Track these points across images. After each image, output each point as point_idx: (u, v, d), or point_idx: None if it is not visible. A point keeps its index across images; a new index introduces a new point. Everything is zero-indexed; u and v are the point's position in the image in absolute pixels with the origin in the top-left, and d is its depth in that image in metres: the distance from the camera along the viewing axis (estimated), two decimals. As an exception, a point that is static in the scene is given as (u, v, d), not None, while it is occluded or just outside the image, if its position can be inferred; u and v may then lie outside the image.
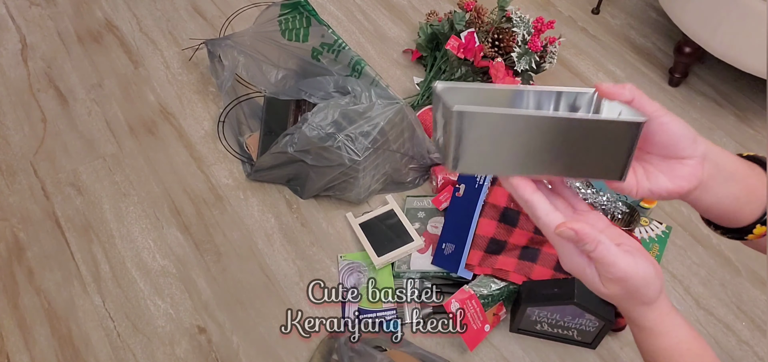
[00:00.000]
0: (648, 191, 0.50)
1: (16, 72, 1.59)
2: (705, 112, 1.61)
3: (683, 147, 0.49)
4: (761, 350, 1.18)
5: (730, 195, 0.51)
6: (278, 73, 1.41)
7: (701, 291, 1.26)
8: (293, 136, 1.25)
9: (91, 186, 1.36)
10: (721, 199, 0.51)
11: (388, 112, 1.24)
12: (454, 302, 1.12)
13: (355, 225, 1.29)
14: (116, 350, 1.13)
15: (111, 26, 1.73)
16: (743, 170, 0.52)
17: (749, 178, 0.52)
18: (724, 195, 0.51)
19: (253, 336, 1.16)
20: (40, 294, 1.19)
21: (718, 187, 0.51)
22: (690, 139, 0.49)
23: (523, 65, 1.43)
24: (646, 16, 1.88)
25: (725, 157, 0.51)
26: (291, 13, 1.38)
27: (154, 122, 1.49)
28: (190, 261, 1.25)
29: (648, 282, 0.50)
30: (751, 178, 0.52)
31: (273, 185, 1.38)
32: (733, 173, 0.51)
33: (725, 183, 0.51)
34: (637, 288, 0.49)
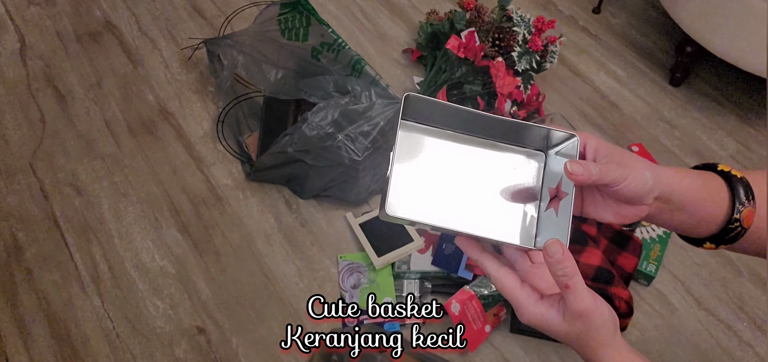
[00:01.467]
0: (591, 216, 0.53)
1: (14, 71, 1.59)
2: (706, 112, 1.61)
3: (640, 199, 0.51)
4: (762, 350, 1.18)
5: (677, 221, 0.54)
6: (278, 72, 1.40)
7: (702, 292, 1.25)
8: (293, 136, 1.25)
9: (90, 187, 1.36)
10: (668, 223, 0.54)
11: (388, 111, 1.24)
12: (455, 302, 1.12)
13: (355, 225, 1.29)
14: (115, 350, 1.12)
15: (110, 26, 1.72)
16: (698, 199, 0.53)
17: (703, 206, 0.53)
18: (671, 221, 0.54)
19: (253, 336, 1.15)
20: (38, 294, 1.19)
21: (665, 216, 0.53)
22: (645, 194, 0.51)
23: (524, 64, 1.42)
24: (647, 15, 1.88)
25: (682, 189, 0.53)
26: (291, 12, 1.37)
27: (154, 122, 1.49)
28: (189, 262, 1.25)
29: (606, 321, 0.50)
30: (706, 207, 0.53)
31: (273, 185, 1.38)
32: (684, 206, 0.53)
33: (672, 214, 0.53)
34: (598, 327, 0.50)
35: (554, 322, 0.50)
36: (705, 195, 0.54)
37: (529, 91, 1.44)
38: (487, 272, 0.52)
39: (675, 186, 0.52)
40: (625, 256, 1.22)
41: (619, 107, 1.61)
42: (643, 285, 1.25)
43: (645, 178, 0.51)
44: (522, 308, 0.50)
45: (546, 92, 1.55)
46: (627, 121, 1.58)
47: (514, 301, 0.51)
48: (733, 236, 0.54)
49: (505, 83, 1.37)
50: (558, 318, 0.50)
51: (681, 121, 1.59)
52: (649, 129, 1.56)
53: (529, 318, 0.51)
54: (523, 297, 0.50)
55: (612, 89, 1.65)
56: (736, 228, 0.53)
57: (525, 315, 0.51)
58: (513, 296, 0.50)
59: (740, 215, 0.53)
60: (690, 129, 1.57)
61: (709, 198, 0.54)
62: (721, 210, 0.54)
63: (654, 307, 1.23)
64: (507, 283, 0.50)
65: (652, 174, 0.51)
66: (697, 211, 0.54)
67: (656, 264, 1.25)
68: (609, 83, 1.67)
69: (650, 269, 1.24)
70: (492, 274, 0.51)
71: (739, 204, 0.53)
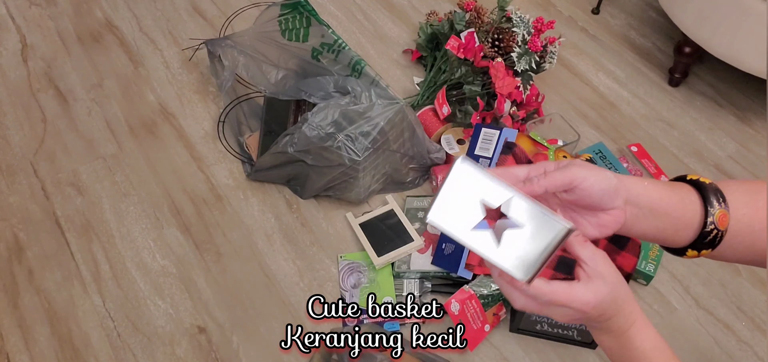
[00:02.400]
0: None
1: (16, 72, 1.59)
2: (705, 112, 1.61)
3: (606, 201, 0.53)
4: (761, 350, 1.18)
5: (654, 228, 0.55)
6: (278, 73, 1.41)
7: (701, 291, 1.26)
8: (293, 136, 1.25)
9: (91, 186, 1.36)
10: (647, 231, 0.55)
11: (388, 112, 1.24)
12: (454, 302, 1.12)
13: (355, 225, 1.29)
14: (116, 350, 1.13)
15: (111, 26, 1.73)
16: (668, 203, 0.55)
17: (675, 210, 0.55)
18: (648, 228, 0.55)
19: (253, 335, 1.16)
20: (40, 294, 1.19)
21: (641, 223, 0.55)
22: (611, 193, 0.52)
23: (523, 65, 1.43)
24: (646, 16, 1.88)
25: (649, 194, 0.54)
26: (291, 13, 1.38)
27: (154, 122, 1.49)
28: (190, 261, 1.25)
29: (624, 282, 0.54)
30: (677, 210, 0.55)
31: (273, 185, 1.38)
32: (655, 210, 0.54)
33: (647, 219, 0.55)
34: (624, 283, 0.52)
35: (599, 286, 0.51)
36: (676, 201, 0.55)
37: (529, 92, 1.45)
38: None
39: (642, 192, 0.54)
40: (623, 256, 1.23)
41: (618, 107, 1.61)
42: (642, 285, 1.26)
43: (606, 176, 0.52)
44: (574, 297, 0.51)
45: (545, 93, 1.55)
46: (626, 121, 1.58)
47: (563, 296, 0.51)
48: (712, 240, 0.55)
49: (504, 84, 1.37)
50: (598, 280, 0.51)
51: (680, 121, 1.59)
52: (648, 129, 1.56)
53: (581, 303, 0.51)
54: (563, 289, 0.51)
55: (611, 89, 1.66)
56: (712, 230, 0.55)
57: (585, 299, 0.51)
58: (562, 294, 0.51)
59: (714, 217, 0.54)
60: (689, 129, 1.57)
61: (680, 203, 0.55)
62: (695, 215, 0.55)
63: (653, 307, 1.23)
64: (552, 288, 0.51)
65: (615, 176, 0.53)
66: (673, 216, 0.55)
67: (655, 263, 1.25)
68: (608, 83, 1.68)
69: (649, 269, 1.25)
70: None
71: (710, 206, 0.55)
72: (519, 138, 1.36)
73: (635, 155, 1.47)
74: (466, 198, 0.50)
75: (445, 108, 1.40)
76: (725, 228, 0.55)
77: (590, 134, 1.54)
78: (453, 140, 1.41)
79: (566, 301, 0.50)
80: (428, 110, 1.45)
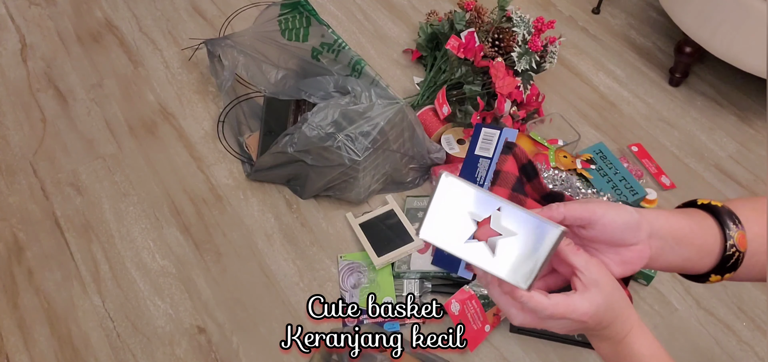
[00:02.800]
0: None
1: (15, 72, 1.59)
2: (705, 112, 1.61)
3: (628, 237, 0.52)
4: (762, 350, 1.18)
5: (680, 257, 0.55)
6: (278, 72, 1.41)
7: (701, 292, 1.26)
8: (293, 136, 1.25)
9: (91, 186, 1.36)
10: (673, 263, 0.55)
11: (388, 112, 1.24)
12: (454, 302, 1.12)
13: (355, 225, 1.29)
14: (116, 350, 1.13)
15: (111, 26, 1.72)
16: (691, 231, 0.54)
17: (697, 237, 0.55)
18: (674, 259, 0.55)
19: (253, 336, 1.16)
20: (39, 294, 1.19)
21: (667, 255, 0.54)
22: (633, 228, 0.51)
23: (524, 65, 1.43)
24: (647, 15, 1.88)
25: (671, 225, 0.54)
26: (291, 12, 1.38)
27: (154, 122, 1.49)
28: (189, 262, 1.25)
29: (620, 288, 0.53)
30: (698, 237, 0.55)
31: (273, 185, 1.38)
32: (680, 240, 0.54)
33: (673, 250, 0.54)
34: (620, 290, 0.52)
35: (595, 295, 0.50)
36: (696, 228, 0.55)
37: (529, 92, 1.45)
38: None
39: (664, 223, 0.54)
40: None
41: (619, 107, 1.61)
42: (643, 285, 1.26)
43: (628, 211, 0.52)
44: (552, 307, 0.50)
45: (545, 92, 1.55)
46: (626, 121, 1.58)
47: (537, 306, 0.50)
48: (734, 262, 0.55)
49: (504, 83, 1.37)
50: (594, 289, 0.50)
51: (680, 121, 1.59)
52: (648, 129, 1.56)
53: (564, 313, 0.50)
54: (544, 299, 0.50)
55: (611, 89, 1.66)
56: (734, 253, 0.55)
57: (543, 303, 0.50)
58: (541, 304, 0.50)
59: (734, 240, 0.54)
60: (689, 129, 1.57)
61: (700, 230, 0.55)
62: (716, 240, 0.55)
63: (653, 307, 1.23)
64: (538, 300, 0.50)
65: (636, 211, 0.52)
66: (696, 244, 0.55)
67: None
68: (608, 83, 1.67)
69: (650, 269, 1.25)
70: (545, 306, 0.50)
71: (728, 229, 0.55)
72: (519, 138, 1.36)
73: (635, 155, 1.47)
74: (456, 212, 0.50)
75: (445, 108, 1.40)
76: (745, 249, 0.55)
77: (590, 134, 1.54)
78: (453, 140, 1.41)
79: (566, 313, 0.50)
80: (428, 110, 1.45)
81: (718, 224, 0.55)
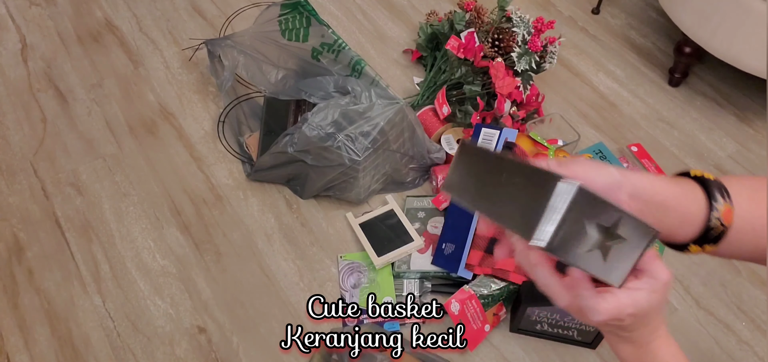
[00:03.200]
0: None
1: (15, 72, 1.59)
2: (705, 112, 1.61)
3: (609, 197, 0.50)
4: (761, 350, 1.18)
5: (658, 222, 0.53)
6: (278, 73, 1.41)
7: (701, 291, 1.26)
8: (293, 136, 1.25)
9: (91, 186, 1.36)
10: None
11: (388, 112, 1.24)
12: (454, 302, 1.12)
13: (355, 225, 1.29)
14: (116, 350, 1.13)
15: (111, 26, 1.73)
16: (675, 197, 0.54)
17: (680, 205, 0.54)
18: (653, 223, 0.53)
19: (253, 336, 1.16)
20: (40, 294, 1.19)
21: (646, 218, 0.53)
22: (614, 188, 0.50)
23: (523, 65, 1.43)
24: (646, 16, 1.88)
25: (654, 188, 0.53)
26: (291, 13, 1.38)
27: (154, 122, 1.49)
28: (190, 261, 1.25)
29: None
30: (682, 205, 0.54)
31: (273, 185, 1.38)
32: (660, 204, 0.53)
33: (652, 213, 0.53)
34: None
35: (643, 298, 0.49)
36: (680, 194, 0.54)
37: (529, 92, 1.45)
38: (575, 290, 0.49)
39: (647, 185, 0.52)
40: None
41: (618, 107, 1.61)
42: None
43: (609, 171, 0.51)
44: (604, 302, 0.49)
45: (545, 93, 1.55)
46: (626, 121, 1.58)
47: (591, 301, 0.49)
48: (716, 235, 0.54)
49: (504, 84, 1.37)
50: (644, 293, 0.49)
51: (680, 121, 1.59)
52: (648, 129, 1.56)
53: (615, 308, 0.49)
54: (598, 295, 0.49)
55: (611, 89, 1.66)
56: (717, 226, 0.54)
57: (611, 306, 0.49)
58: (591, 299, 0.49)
59: (719, 212, 0.53)
60: (689, 129, 1.57)
61: (684, 198, 0.54)
62: (700, 210, 0.54)
63: (653, 307, 1.23)
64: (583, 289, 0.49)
65: (617, 171, 0.52)
66: (677, 210, 0.54)
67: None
68: (608, 83, 1.68)
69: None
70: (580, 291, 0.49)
71: (715, 201, 0.54)
72: (519, 138, 1.36)
73: (635, 155, 1.47)
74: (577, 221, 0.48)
75: (445, 108, 1.40)
76: (730, 224, 0.54)
77: (590, 134, 1.54)
78: (453, 140, 1.41)
79: (616, 313, 0.49)
80: (428, 110, 1.45)
81: (706, 195, 0.54)
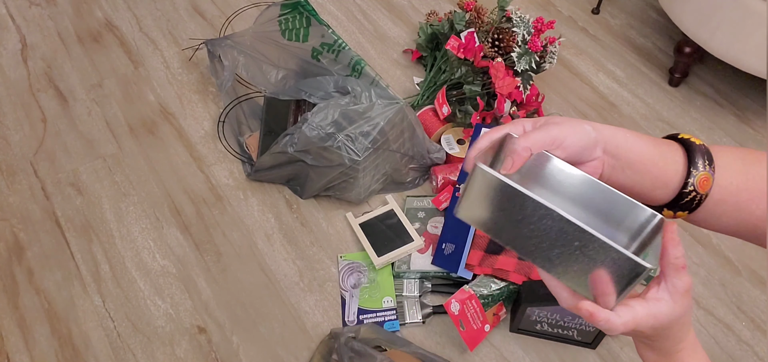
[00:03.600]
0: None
1: (16, 72, 1.59)
2: (705, 112, 1.61)
3: (585, 155, 0.51)
4: (761, 350, 1.18)
5: (630, 181, 0.53)
6: (278, 73, 1.41)
7: (701, 291, 1.26)
8: (293, 136, 1.25)
9: (91, 186, 1.36)
10: (624, 184, 0.53)
11: (388, 112, 1.24)
12: (454, 302, 1.12)
13: (355, 225, 1.29)
14: (116, 350, 1.13)
15: (111, 26, 1.73)
16: (650, 158, 0.52)
17: (655, 166, 0.52)
18: (625, 181, 0.53)
19: (253, 336, 1.16)
20: (40, 294, 1.19)
21: (618, 175, 0.53)
22: (591, 147, 0.51)
23: (523, 65, 1.43)
24: (646, 16, 1.88)
25: (629, 145, 0.52)
26: (291, 13, 1.38)
27: (154, 122, 1.49)
28: (190, 262, 1.25)
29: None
30: (657, 166, 0.52)
31: (273, 185, 1.38)
32: (633, 163, 0.52)
33: (624, 172, 0.52)
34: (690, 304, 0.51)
35: (663, 311, 0.49)
36: (656, 156, 0.52)
37: (529, 92, 1.45)
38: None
39: (622, 142, 0.52)
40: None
41: (618, 107, 1.61)
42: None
43: (585, 130, 0.51)
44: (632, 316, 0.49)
45: (545, 93, 1.55)
46: (626, 121, 1.58)
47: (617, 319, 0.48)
48: (689, 202, 0.53)
49: (504, 84, 1.37)
50: (664, 305, 0.49)
51: (680, 121, 1.59)
52: (648, 129, 1.56)
53: (635, 321, 0.49)
54: (624, 308, 0.49)
55: (611, 89, 1.66)
56: (691, 192, 0.52)
57: (637, 319, 0.49)
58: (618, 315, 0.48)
59: (695, 178, 0.52)
60: (689, 129, 1.57)
61: (661, 159, 0.53)
62: (676, 174, 0.52)
63: (653, 307, 1.23)
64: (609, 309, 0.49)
65: (593, 127, 0.52)
66: (650, 172, 0.52)
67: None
68: (608, 83, 1.68)
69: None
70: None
71: (693, 167, 0.52)
72: (519, 138, 1.35)
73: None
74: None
75: (445, 108, 1.40)
76: (706, 192, 0.52)
77: (590, 134, 1.54)
78: (453, 140, 1.41)
79: (634, 327, 0.49)
80: (428, 110, 1.45)
81: (686, 160, 0.53)
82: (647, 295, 0.50)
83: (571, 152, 0.51)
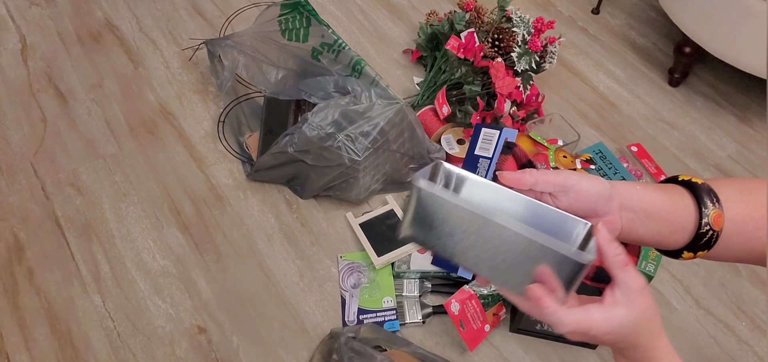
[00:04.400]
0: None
1: (16, 72, 1.59)
2: (705, 112, 1.61)
3: (600, 206, 0.52)
4: (761, 350, 1.18)
5: (651, 232, 0.54)
6: (278, 73, 1.41)
7: (701, 291, 1.26)
8: (293, 136, 1.25)
9: (91, 186, 1.36)
10: (644, 236, 0.54)
11: (388, 112, 1.24)
12: (454, 302, 1.12)
13: (355, 225, 1.29)
14: (116, 350, 1.13)
15: (111, 26, 1.73)
16: (663, 206, 0.54)
17: (670, 213, 0.54)
18: (644, 232, 0.54)
19: (253, 336, 1.16)
20: (40, 294, 1.19)
21: (638, 228, 0.54)
22: (605, 198, 0.52)
23: (523, 65, 1.43)
24: (646, 16, 1.88)
25: (642, 198, 0.53)
26: (291, 13, 1.38)
27: (154, 122, 1.49)
28: (190, 261, 1.25)
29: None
30: (671, 213, 0.54)
31: (273, 185, 1.38)
32: (651, 214, 0.54)
33: (644, 224, 0.54)
34: (654, 305, 0.51)
35: (619, 315, 0.49)
36: (670, 204, 0.54)
37: (529, 92, 1.45)
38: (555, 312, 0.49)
39: (636, 196, 0.53)
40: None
41: (618, 107, 1.61)
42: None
43: (601, 182, 0.52)
44: (592, 322, 0.49)
45: (545, 92, 1.55)
46: (626, 121, 1.58)
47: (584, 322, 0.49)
48: (707, 241, 0.54)
49: (504, 84, 1.37)
50: (621, 308, 0.49)
51: (680, 121, 1.59)
52: (648, 129, 1.56)
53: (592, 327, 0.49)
54: (581, 311, 0.49)
55: (611, 89, 1.66)
56: (708, 231, 0.54)
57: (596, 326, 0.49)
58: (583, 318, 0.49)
59: (708, 218, 0.54)
60: (689, 129, 1.57)
61: (673, 205, 0.54)
62: (690, 216, 0.54)
63: (653, 307, 1.23)
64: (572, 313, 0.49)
65: (607, 181, 0.53)
66: (668, 219, 0.54)
67: (655, 263, 1.25)
68: (608, 83, 1.68)
69: (649, 269, 1.25)
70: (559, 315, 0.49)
71: (704, 207, 0.54)
72: (519, 138, 1.36)
73: (635, 155, 1.47)
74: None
75: (445, 108, 1.40)
76: (720, 228, 0.54)
77: (590, 134, 1.54)
78: (453, 140, 1.41)
79: (586, 328, 0.49)
80: (428, 110, 1.45)
81: (694, 201, 0.55)
82: (604, 300, 0.51)
83: (586, 199, 0.52)
